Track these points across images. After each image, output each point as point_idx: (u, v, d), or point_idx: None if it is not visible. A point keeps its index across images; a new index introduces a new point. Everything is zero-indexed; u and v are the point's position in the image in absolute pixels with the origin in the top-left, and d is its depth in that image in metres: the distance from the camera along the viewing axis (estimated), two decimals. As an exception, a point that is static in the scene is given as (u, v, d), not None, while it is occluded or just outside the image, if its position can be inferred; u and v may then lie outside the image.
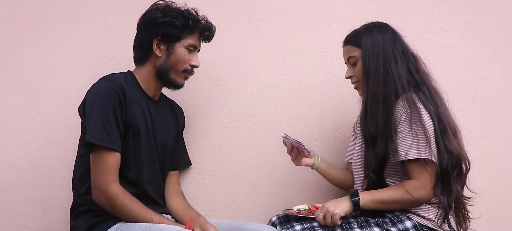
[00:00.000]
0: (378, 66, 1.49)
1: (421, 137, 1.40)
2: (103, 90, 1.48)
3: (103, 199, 1.44)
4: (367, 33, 1.55)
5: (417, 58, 1.57)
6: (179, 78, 1.60)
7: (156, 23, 1.54)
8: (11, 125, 1.87)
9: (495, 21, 2.00)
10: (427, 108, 1.45)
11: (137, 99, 1.55)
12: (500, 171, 1.93)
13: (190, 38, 1.57)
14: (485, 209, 1.87)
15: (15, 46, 1.91)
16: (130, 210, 1.44)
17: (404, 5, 2.00)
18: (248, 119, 1.93)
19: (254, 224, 1.54)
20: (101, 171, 1.44)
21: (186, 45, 1.57)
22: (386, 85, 1.48)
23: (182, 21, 1.54)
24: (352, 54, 1.57)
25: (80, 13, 1.94)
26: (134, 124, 1.51)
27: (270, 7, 1.98)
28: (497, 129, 1.95)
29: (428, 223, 1.43)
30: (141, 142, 1.54)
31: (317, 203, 1.54)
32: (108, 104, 1.45)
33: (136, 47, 1.62)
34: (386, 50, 1.51)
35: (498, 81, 1.97)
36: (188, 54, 1.58)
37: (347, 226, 1.44)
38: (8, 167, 1.86)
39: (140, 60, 1.61)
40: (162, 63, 1.57)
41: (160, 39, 1.55)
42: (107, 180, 1.44)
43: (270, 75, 1.95)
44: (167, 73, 1.58)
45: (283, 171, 1.90)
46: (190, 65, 1.60)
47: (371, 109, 1.49)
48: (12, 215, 1.85)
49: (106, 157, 1.44)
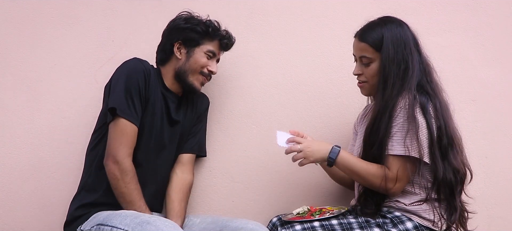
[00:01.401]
0: (397, 77, 1.44)
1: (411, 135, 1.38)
2: (131, 66, 1.60)
3: (116, 170, 1.48)
4: (388, 34, 1.47)
5: (430, 66, 1.52)
6: (196, 81, 1.67)
7: (178, 29, 1.66)
8: (11, 125, 1.87)
9: (495, 21, 2.00)
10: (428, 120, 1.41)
11: (158, 88, 1.64)
12: (500, 171, 1.93)
13: (209, 45, 1.67)
14: (485, 209, 1.87)
15: (15, 46, 1.91)
16: (131, 193, 1.48)
17: (404, 5, 1.99)
18: (248, 119, 1.93)
19: (238, 220, 1.53)
20: (121, 142, 1.50)
21: (205, 50, 1.66)
22: (398, 96, 1.43)
23: (203, 28, 1.64)
24: (367, 55, 1.50)
25: (80, 13, 1.94)
26: (151, 108, 1.59)
27: (270, 7, 1.98)
28: (497, 129, 1.95)
29: (429, 224, 1.43)
30: (153, 127, 1.60)
31: (316, 204, 1.54)
32: (133, 80, 1.55)
33: (159, 51, 1.72)
34: (406, 59, 1.45)
35: (498, 81, 1.97)
36: (207, 60, 1.67)
37: (348, 227, 1.44)
38: (8, 167, 1.86)
39: (162, 62, 1.71)
40: (181, 65, 1.66)
41: (181, 43, 1.65)
42: (125, 152, 1.50)
43: (270, 75, 1.95)
44: (185, 75, 1.66)
45: (283, 171, 1.90)
46: (207, 69, 1.67)
47: (381, 120, 1.45)
48: (12, 215, 1.85)
49: (127, 128, 1.51)
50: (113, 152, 1.49)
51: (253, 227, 1.46)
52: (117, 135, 1.51)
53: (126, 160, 1.50)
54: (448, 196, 1.43)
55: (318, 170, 1.87)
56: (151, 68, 1.65)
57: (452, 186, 1.42)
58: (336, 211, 1.53)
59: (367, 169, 1.45)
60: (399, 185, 1.43)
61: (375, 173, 1.43)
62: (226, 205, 1.88)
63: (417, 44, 1.52)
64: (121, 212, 1.43)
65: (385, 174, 1.41)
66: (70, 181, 1.82)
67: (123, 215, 1.39)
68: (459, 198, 1.45)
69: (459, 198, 1.45)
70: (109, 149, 1.51)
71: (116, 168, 1.48)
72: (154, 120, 1.61)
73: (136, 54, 1.73)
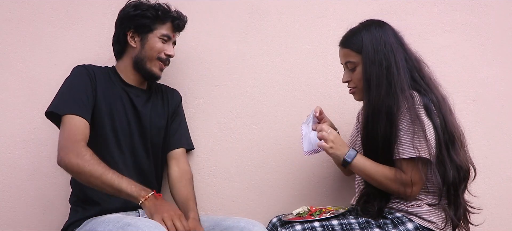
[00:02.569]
0: (381, 77, 1.43)
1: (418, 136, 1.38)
2: (72, 73, 1.60)
3: (72, 157, 1.40)
4: (367, 36, 1.47)
5: (420, 60, 1.51)
6: (155, 68, 1.65)
7: (129, 17, 1.63)
8: (11, 125, 1.87)
9: (495, 21, 2.00)
10: (433, 120, 1.40)
11: (112, 86, 1.62)
12: (500, 171, 1.93)
13: (162, 29, 1.64)
14: (486, 209, 1.86)
15: (15, 46, 1.91)
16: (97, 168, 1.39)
17: (404, 5, 1.99)
18: (248, 119, 1.93)
19: (230, 219, 1.51)
20: (68, 133, 1.45)
21: (159, 35, 1.64)
22: (388, 97, 1.41)
23: (153, 12, 1.62)
24: (351, 60, 1.50)
25: (80, 13, 1.94)
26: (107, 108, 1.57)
27: (270, 7, 1.98)
28: (497, 129, 1.95)
29: (430, 225, 1.42)
30: (117, 126, 1.58)
31: (316, 204, 1.54)
32: (76, 80, 1.56)
33: (114, 43, 1.70)
34: (388, 57, 1.44)
35: (498, 81, 1.97)
36: (162, 44, 1.65)
37: (348, 227, 1.44)
38: (8, 167, 1.86)
39: (118, 54, 1.70)
40: (137, 54, 1.64)
41: (134, 31, 1.63)
42: (75, 139, 1.44)
43: (270, 75, 1.95)
44: (143, 63, 1.64)
45: (283, 171, 1.90)
46: (165, 54, 1.65)
47: (373, 123, 1.44)
48: (12, 215, 1.85)
49: (73, 121, 1.47)
50: (61, 145, 1.44)
51: (244, 225, 1.43)
52: (63, 130, 1.47)
53: (77, 145, 1.43)
54: (452, 195, 1.41)
55: (318, 170, 1.87)
56: (96, 69, 1.63)
57: (456, 184, 1.40)
58: (335, 211, 1.53)
59: (383, 173, 1.44)
60: (416, 188, 1.42)
61: (391, 177, 1.42)
62: (226, 205, 1.88)
63: (401, 41, 1.50)
64: (104, 218, 1.40)
65: (401, 178, 1.40)
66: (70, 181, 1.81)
67: (106, 221, 1.36)
68: (463, 196, 1.43)
69: (463, 196, 1.44)
70: (58, 146, 1.45)
71: (71, 155, 1.41)
72: (115, 116, 1.59)
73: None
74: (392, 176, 1.42)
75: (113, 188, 1.39)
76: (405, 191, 1.41)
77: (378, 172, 1.44)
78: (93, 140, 1.51)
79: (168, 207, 1.38)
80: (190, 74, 1.94)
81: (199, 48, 1.94)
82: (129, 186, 1.38)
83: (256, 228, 1.43)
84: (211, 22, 1.95)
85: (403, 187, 1.41)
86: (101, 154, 1.47)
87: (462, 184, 1.42)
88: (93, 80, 1.59)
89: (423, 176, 1.40)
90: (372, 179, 1.46)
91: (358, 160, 1.46)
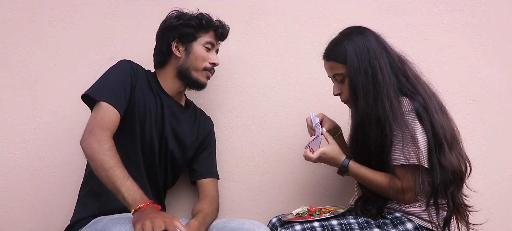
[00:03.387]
0: (367, 85, 1.41)
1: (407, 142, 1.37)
2: (116, 65, 1.58)
3: (93, 140, 1.37)
4: (349, 45, 1.45)
5: (404, 61, 1.49)
6: (201, 77, 1.66)
7: (172, 27, 1.64)
8: (11, 125, 1.87)
9: (495, 21, 2.00)
10: (424, 124, 1.39)
11: (150, 89, 1.62)
12: (500, 171, 1.93)
13: (206, 37, 1.66)
14: (485, 209, 1.86)
15: (15, 46, 1.91)
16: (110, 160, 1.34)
17: (404, 5, 1.99)
18: (248, 119, 1.93)
19: (235, 221, 1.49)
20: (99, 119, 1.43)
21: (203, 43, 1.65)
22: (377, 104, 1.40)
23: (196, 21, 1.64)
24: (338, 72, 1.49)
25: (80, 13, 1.94)
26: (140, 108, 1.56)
27: (270, 7, 1.98)
28: (497, 129, 1.95)
29: (429, 225, 1.42)
30: (145, 128, 1.57)
31: (315, 203, 1.54)
32: (116, 73, 1.54)
33: (156, 54, 1.69)
34: (373, 64, 1.42)
35: (498, 81, 1.97)
36: (207, 53, 1.66)
37: (348, 227, 1.44)
38: (8, 167, 1.86)
39: (160, 64, 1.68)
40: (182, 63, 1.64)
41: (178, 40, 1.64)
42: (103, 127, 1.41)
43: (270, 75, 1.95)
44: (188, 72, 1.64)
45: (283, 171, 1.90)
46: (210, 63, 1.66)
47: (363, 133, 1.43)
48: (12, 215, 1.85)
49: (106, 109, 1.45)
50: (89, 127, 1.41)
51: (249, 227, 1.41)
52: (95, 115, 1.44)
53: (103, 132, 1.40)
54: (443, 194, 1.40)
55: (318, 170, 1.87)
56: (140, 69, 1.63)
57: (444, 187, 1.38)
58: (335, 211, 1.53)
59: (377, 180, 1.45)
60: (410, 195, 1.42)
61: (385, 185, 1.43)
62: (226, 205, 1.88)
63: (383, 45, 1.48)
64: (119, 219, 1.36)
65: (395, 185, 1.41)
66: (70, 181, 1.82)
67: (122, 222, 1.33)
68: (455, 195, 1.41)
69: (456, 196, 1.41)
70: (84, 130, 1.42)
71: (93, 139, 1.37)
72: (146, 117, 1.57)
73: (136, 54, 1.73)
74: (386, 183, 1.43)
75: (114, 186, 1.32)
76: (398, 197, 1.43)
77: (373, 178, 1.46)
78: (117, 133, 1.48)
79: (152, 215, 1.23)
80: (190, 74, 1.94)
81: (199, 48, 1.94)
82: (128, 190, 1.31)
83: (261, 230, 1.42)
84: (211, 22, 1.95)
85: (396, 194, 1.42)
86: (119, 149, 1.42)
87: (452, 185, 1.40)
88: (134, 77, 1.58)
89: (416, 182, 1.39)
90: (369, 185, 1.49)
91: (352, 167, 1.48)
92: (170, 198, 1.84)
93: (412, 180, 1.39)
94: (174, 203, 1.85)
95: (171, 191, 1.83)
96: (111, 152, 1.37)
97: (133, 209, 1.28)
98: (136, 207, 1.28)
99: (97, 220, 1.44)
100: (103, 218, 1.43)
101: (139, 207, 1.27)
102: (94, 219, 1.46)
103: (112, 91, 1.49)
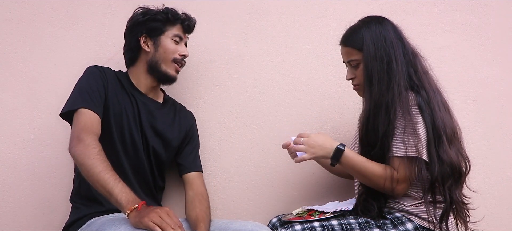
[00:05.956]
0: (382, 72, 1.45)
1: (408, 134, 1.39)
2: (84, 73, 1.60)
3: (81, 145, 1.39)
4: (367, 33, 1.49)
5: (416, 54, 1.52)
6: (170, 69, 1.67)
7: (139, 23, 1.65)
8: (11, 125, 1.87)
9: (495, 21, 2.00)
10: (423, 115, 1.41)
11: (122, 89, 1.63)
12: (500, 171, 1.93)
13: (173, 30, 1.67)
14: (485, 209, 1.87)
15: (15, 46, 1.91)
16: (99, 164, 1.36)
17: (404, 5, 2.00)
18: (248, 119, 1.93)
19: (237, 222, 1.49)
20: (83, 124, 1.44)
21: (171, 36, 1.66)
22: (388, 91, 1.44)
23: (162, 15, 1.65)
24: (354, 58, 1.52)
25: (80, 13, 1.94)
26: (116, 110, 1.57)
27: (270, 7, 1.98)
28: (497, 129, 1.95)
29: (429, 225, 1.42)
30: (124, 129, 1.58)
31: (316, 203, 1.54)
32: (87, 80, 1.56)
33: (125, 52, 1.71)
34: (388, 53, 1.46)
35: (498, 81, 1.97)
36: (175, 45, 1.67)
37: (348, 227, 1.44)
38: (8, 167, 1.86)
39: (131, 61, 1.70)
40: (151, 57, 1.65)
41: (146, 35, 1.65)
42: (87, 131, 1.43)
43: (270, 75, 1.95)
44: (158, 65, 1.65)
45: (282, 171, 1.90)
46: (179, 54, 1.67)
47: (374, 119, 1.45)
48: (12, 215, 1.85)
49: (87, 114, 1.48)
50: (75, 134, 1.42)
51: (252, 228, 1.42)
52: (76, 123, 1.46)
53: (90, 137, 1.41)
54: (441, 188, 1.40)
55: (318, 170, 1.87)
56: (109, 71, 1.64)
57: (440, 180, 1.39)
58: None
59: (372, 169, 1.44)
60: (403, 186, 1.43)
61: (380, 174, 1.43)
62: (226, 205, 1.88)
63: (400, 36, 1.52)
64: (113, 220, 1.37)
65: (391, 175, 1.41)
66: (70, 181, 1.81)
67: (117, 222, 1.33)
68: (452, 191, 1.41)
69: (453, 191, 1.41)
70: (70, 138, 1.44)
71: (81, 145, 1.38)
72: (123, 119, 1.58)
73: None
74: (381, 172, 1.42)
75: (106, 190, 1.33)
76: (391, 186, 1.41)
77: (367, 167, 1.44)
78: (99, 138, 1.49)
79: (153, 208, 1.29)
80: (190, 74, 1.94)
81: (199, 48, 1.94)
82: (120, 192, 1.31)
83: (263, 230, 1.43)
84: (211, 22, 1.95)
85: (390, 184, 1.41)
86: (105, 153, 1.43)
87: (450, 179, 1.40)
88: (105, 80, 1.59)
89: (412, 174, 1.40)
90: (360, 174, 1.47)
91: (346, 155, 1.45)
92: (169, 199, 1.84)
93: (408, 169, 1.40)
94: (174, 203, 1.85)
95: (169, 192, 1.83)
96: (100, 156, 1.38)
97: (128, 210, 1.29)
98: (132, 208, 1.29)
99: (92, 222, 1.44)
100: (98, 219, 1.44)
101: (134, 207, 1.29)
102: (89, 220, 1.47)
103: (88, 97, 1.51)
